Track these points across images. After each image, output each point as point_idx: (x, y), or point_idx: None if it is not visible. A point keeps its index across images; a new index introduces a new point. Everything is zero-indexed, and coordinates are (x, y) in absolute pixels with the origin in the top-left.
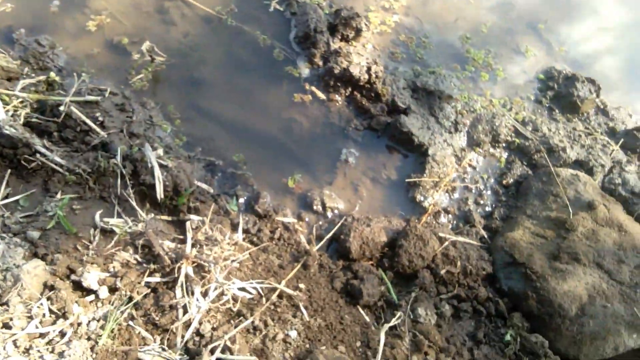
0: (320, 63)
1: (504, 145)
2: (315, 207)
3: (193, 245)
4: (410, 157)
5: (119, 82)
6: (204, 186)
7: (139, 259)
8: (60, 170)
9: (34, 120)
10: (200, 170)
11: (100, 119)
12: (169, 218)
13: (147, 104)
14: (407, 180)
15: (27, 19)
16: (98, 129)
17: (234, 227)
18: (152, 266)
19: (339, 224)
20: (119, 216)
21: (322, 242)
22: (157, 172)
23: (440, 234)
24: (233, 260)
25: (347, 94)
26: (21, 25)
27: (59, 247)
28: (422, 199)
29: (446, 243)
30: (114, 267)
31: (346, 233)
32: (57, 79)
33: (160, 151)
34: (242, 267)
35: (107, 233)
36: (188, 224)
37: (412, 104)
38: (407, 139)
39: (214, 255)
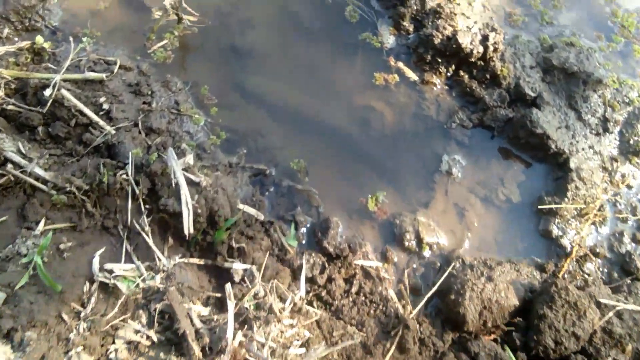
0: (411, 28)
1: None
2: (406, 242)
3: (239, 322)
4: (540, 169)
5: (133, 50)
6: (252, 211)
7: (154, 338)
8: (44, 187)
9: (10, 107)
10: (246, 185)
11: (106, 106)
12: (202, 262)
13: (172, 83)
14: (539, 207)
15: None
16: (102, 122)
17: (294, 274)
18: (174, 359)
19: (445, 273)
20: (129, 259)
21: (421, 304)
22: (186, 193)
23: (601, 300)
24: (300, 346)
25: (449, 74)
26: None
27: (34, 319)
28: (560, 233)
29: (610, 314)
30: (116, 353)
31: (457, 290)
32: (46, 45)
33: (190, 158)
34: (309, 347)
35: (108, 289)
36: (227, 289)
37: (545, 91)
38: (538, 144)
39: (271, 344)
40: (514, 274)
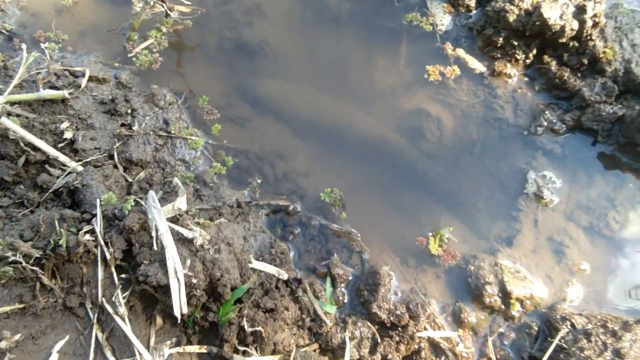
0: (472, 2)
1: None
2: (487, 298)
3: None
4: None
5: (111, 56)
6: (271, 269)
7: None
8: None
9: None
10: (261, 231)
11: (69, 135)
12: (204, 349)
13: (159, 96)
14: None
15: None
16: (63, 157)
17: (334, 355)
18: None
19: (551, 347)
20: (100, 354)
21: None
22: (174, 257)
23: None
24: None
25: (529, 62)
26: None
27: None
28: None
29: None
30: None
31: None
32: None
33: (182, 201)
34: None
35: None
36: None
37: None
38: None
39: None
40: None
